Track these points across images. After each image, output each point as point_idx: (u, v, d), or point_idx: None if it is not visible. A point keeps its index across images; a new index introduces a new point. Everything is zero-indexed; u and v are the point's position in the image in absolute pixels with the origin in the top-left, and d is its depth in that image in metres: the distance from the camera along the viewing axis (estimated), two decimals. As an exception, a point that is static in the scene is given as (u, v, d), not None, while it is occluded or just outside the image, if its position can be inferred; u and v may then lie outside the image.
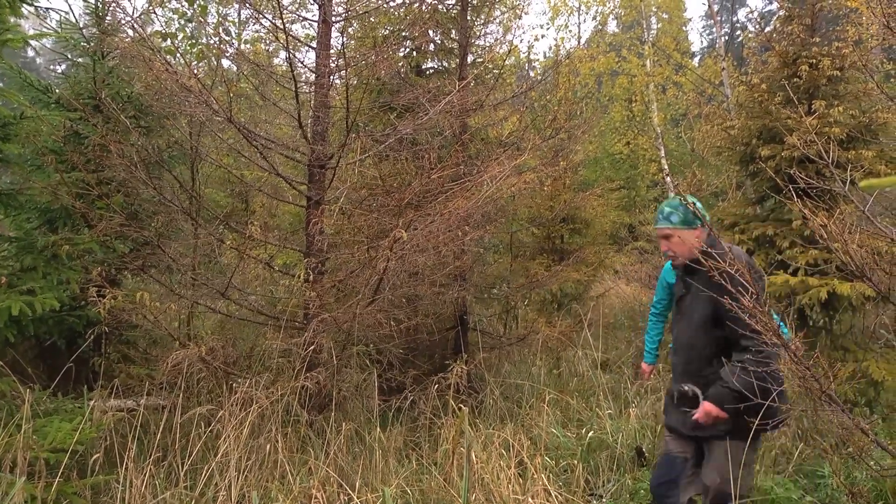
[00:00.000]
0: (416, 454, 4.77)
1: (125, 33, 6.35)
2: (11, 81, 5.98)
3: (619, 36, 19.90)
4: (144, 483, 3.87)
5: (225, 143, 6.04)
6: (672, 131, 20.00)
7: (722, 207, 8.01)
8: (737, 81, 10.02)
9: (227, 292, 5.49)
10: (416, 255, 5.10)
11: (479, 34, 8.15)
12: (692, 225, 3.36)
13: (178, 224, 6.03)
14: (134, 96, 6.17)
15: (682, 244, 3.40)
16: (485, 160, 6.31)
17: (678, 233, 3.40)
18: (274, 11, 5.62)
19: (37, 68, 31.76)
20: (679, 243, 3.41)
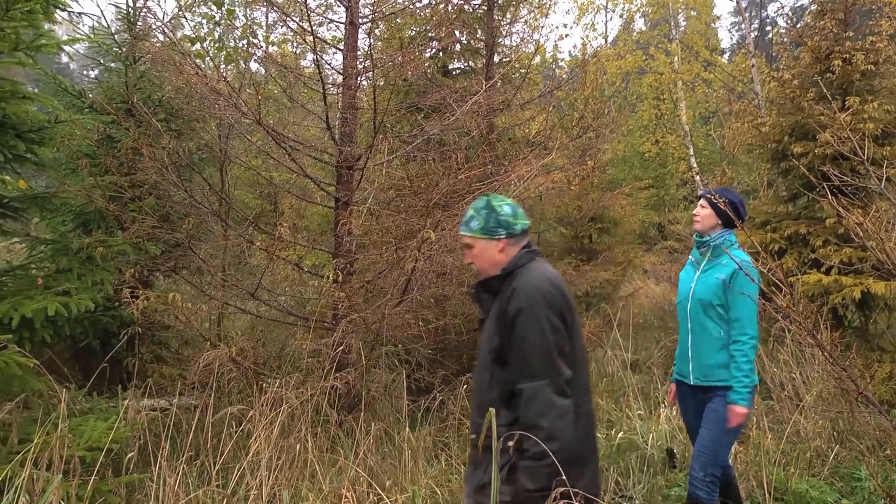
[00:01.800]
0: (445, 454, 4.77)
1: (156, 38, 6.44)
2: (46, 86, 6.09)
3: (646, 34, 19.74)
4: (177, 481, 3.91)
5: (254, 145, 6.10)
6: (701, 129, 19.79)
7: (753, 206, 7.90)
8: (768, 78, 9.88)
9: (257, 293, 5.54)
10: (444, 256, 5.11)
11: (505, 34, 8.14)
12: (493, 235, 2.65)
13: (208, 226, 6.10)
14: (165, 100, 6.25)
15: (481, 257, 2.70)
16: (512, 160, 6.30)
17: (477, 242, 2.69)
18: (301, 14, 5.66)
19: (70, 73, 32.32)
20: (478, 255, 2.71)
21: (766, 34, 18.98)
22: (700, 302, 3.70)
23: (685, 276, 3.95)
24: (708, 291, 3.67)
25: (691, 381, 3.76)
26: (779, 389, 5.41)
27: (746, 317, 3.56)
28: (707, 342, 3.69)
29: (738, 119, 11.54)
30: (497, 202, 2.67)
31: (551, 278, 2.56)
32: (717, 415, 3.62)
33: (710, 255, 3.77)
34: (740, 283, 3.55)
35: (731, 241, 3.75)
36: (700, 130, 19.57)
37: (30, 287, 4.34)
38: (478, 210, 2.69)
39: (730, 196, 3.73)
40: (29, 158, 4.54)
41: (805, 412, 5.08)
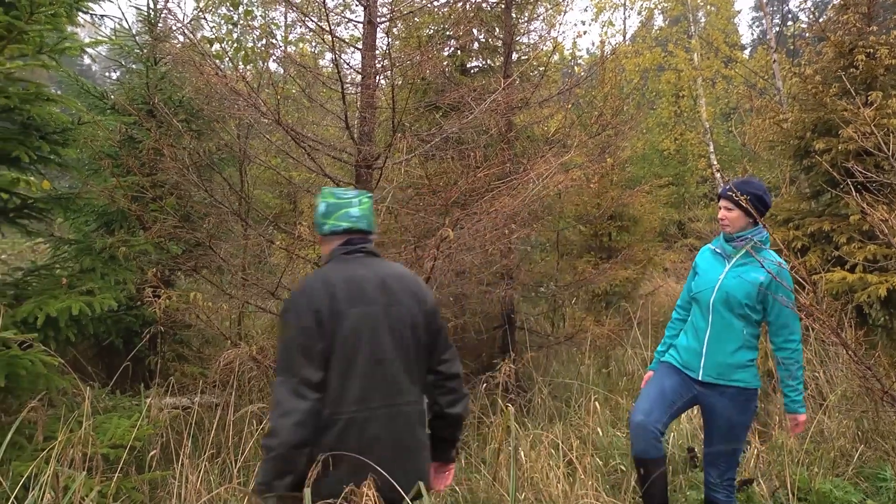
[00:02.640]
0: (465, 452, 4.77)
1: (176, 39, 6.50)
2: (69, 88, 6.16)
3: (665, 30, 19.59)
4: (199, 479, 3.95)
5: (273, 144, 6.12)
6: (722, 126, 19.63)
7: (775, 203, 7.83)
8: (789, 73, 9.77)
9: (277, 292, 5.56)
10: (463, 254, 5.10)
11: (523, 31, 8.12)
12: (319, 230, 2.66)
13: (228, 225, 6.14)
14: (185, 100, 6.30)
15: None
16: (531, 158, 6.28)
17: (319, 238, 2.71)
18: (319, 14, 5.68)
19: (92, 75, 32.69)
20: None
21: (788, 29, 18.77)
22: (728, 296, 3.47)
23: (709, 265, 3.67)
24: (740, 290, 3.45)
25: (699, 376, 3.53)
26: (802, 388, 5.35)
27: (793, 321, 3.45)
28: (728, 339, 3.48)
29: (760, 115, 11.42)
30: (322, 198, 2.67)
31: (326, 278, 2.50)
32: (729, 426, 3.48)
33: (748, 250, 3.54)
34: (783, 289, 3.42)
35: (766, 238, 3.56)
36: (720, 127, 19.41)
37: (54, 287, 4.40)
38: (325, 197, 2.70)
39: (752, 189, 3.52)
40: (53, 160, 4.60)
41: (829, 411, 5.02)
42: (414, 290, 2.61)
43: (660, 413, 3.52)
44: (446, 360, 2.66)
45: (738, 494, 4.20)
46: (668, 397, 3.57)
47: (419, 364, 2.59)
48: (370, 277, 2.54)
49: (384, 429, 2.44)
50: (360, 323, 2.45)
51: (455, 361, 2.70)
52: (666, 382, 3.64)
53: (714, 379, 3.51)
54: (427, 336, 2.61)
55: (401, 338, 2.52)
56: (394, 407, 2.48)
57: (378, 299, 2.51)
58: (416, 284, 2.64)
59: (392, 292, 2.54)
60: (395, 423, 2.48)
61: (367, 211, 2.67)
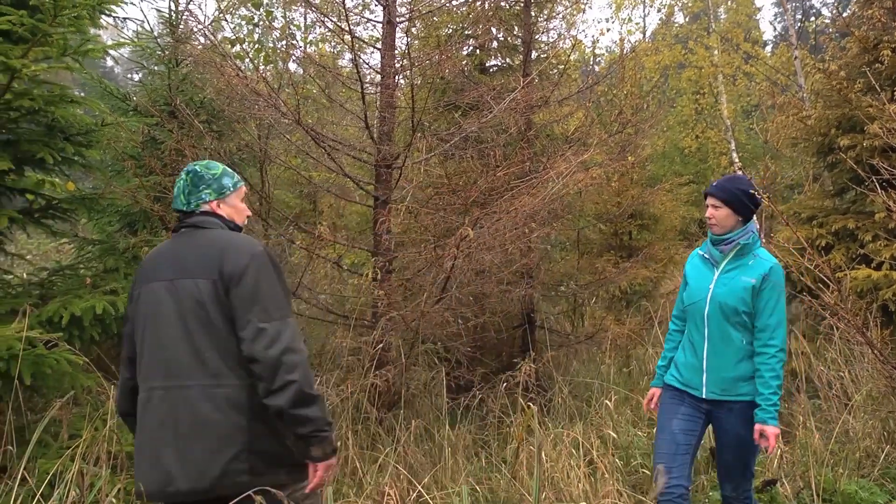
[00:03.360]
0: (485, 452, 4.76)
1: (197, 40, 6.54)
2: (92, 90, 6.23)
3: (685, 27, 19.44)
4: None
5: (293, 144, 6.15)
6: (743, 123, 19.44)
7: (798, 200, 7.76)
8: (813, 69, 9.66)
9: (298, 291, 5.59)
10: (483, 253, 5.10)
11: (542, 30, 8.09)
12: None
13: (249, 225, 6.17)
14: (206, 101, 6.35)
15: None
16: (550, 157, 6.25)
17: None
18: (339, 14, 5.70)
19: (115, 77, 33.03)
20: None
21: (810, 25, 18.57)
22: (722, 306, 3.26)
23: (697, 273, 3.46)
24: (733, 296, 3.24)
25: (703, 394, 3.32)
26: (826, 388, 5.29)
27: (775, 325, 3.17)
28: (728, 352, 3.27)
29: (782, 112, 11.31)
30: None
31: (149, 255, 2.59)
32: (738, 441, 3.26)
33: (736, 253, 3.32)
34: (770, 289, 3.19)
35: (756, 237, 3.35)
36: (742, 124, 19.23)
37: (79, 286, 4.45)
38: None
39: (739, 186, 3.33)
40: (77, 161, 4.65)
41: (854, 412, 4.96)
42: (212, 258, 2.36)
43: (680, 468, 3.29)
44: (243, 338, 2.28)
45: (761, 495, 4.16)
46: (681, 445, 3.33)
47: (216, 340, 2.32)
48: (169, 252, 2.49)
49: (159, 411, 2.33)
50: (145, 301, 2.43)
51: (256, 341, 2.25)
52: (675, 425, 3.38)
53: (719, 396, 3.30)
54: (219, 308, 2.32)
55: (185, 313, 2.34)
56: (172, 389, 2.33)
57: (164, 274, 2.40)
58: (219, 252, 2.37)
59: (182, 266, 2.39)
60: (173, 406, 2.31)
61: (181, 188, 2.54)
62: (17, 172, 4.28)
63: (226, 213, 2.56)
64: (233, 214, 2.59)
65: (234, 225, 2.58)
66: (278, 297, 2.35)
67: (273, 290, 2.35)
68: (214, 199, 2.53)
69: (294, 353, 2.27)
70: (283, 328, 2.29)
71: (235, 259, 2.33)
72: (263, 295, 2.31)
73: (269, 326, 2.26)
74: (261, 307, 2.29)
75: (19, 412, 3.65)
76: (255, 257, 2.36)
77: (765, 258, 3.28)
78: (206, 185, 2.52)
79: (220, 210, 2.55)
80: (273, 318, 2.28)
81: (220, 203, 2.55)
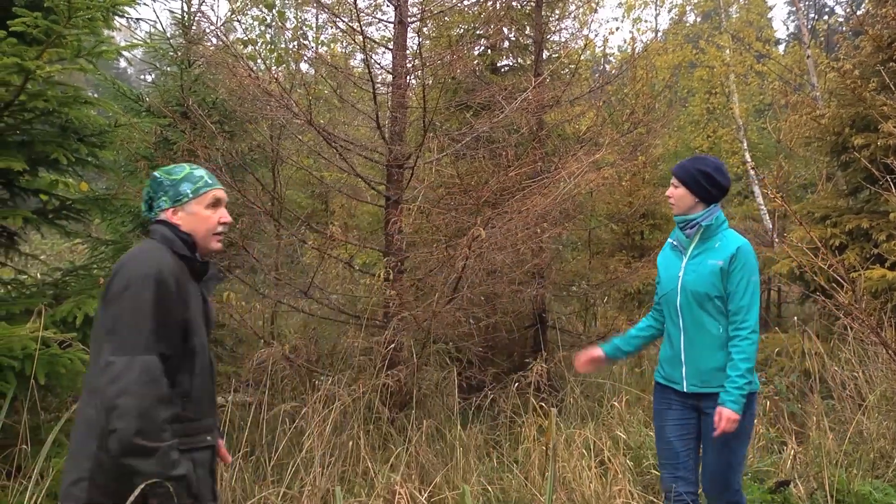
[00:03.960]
0: (497, 452, 4.76)
1: (210, 41, 6.57)
2: (106, 91, 6.27)
3: (696, 26, 19.35)
4: (234, 477, 3.99)
5: (305, 145, 6.17)
6: (755, 123, 19.33)
7: (812, 200, 7.71)
8: (826, 68, 9.61)
9: (310, 291, 5.61)
10: (495, 253, 5.09)
11: (553, 30, 8.08)
12: None
13: (261, 225, 6.20)
14: (218, 102, 6.37)
15: None
16: (562, 157, 6.25)
17: None
18: (350, 14, 5.71)
19: (128, 78, 33.24)
20: None
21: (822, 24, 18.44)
22: (693, 294, 3.16)
23: (668, 263, 3.37)
24: (702, 281, 3.14)
25: (684, 388, 3.21)
26: (840, 389, 5.25)
27: (747, 308, 3.06)
28: (704, 342, 3.16)
29: (795, 111, 11.25)
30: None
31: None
32: (723, 437, 3.08)
33: (700, 237, 3.22)
34: (740, 269, 3.08)
35: (724, 219, 3.25)
36: (754, 124, 19.12)
37: (92, 287, 4.47)
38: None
39: (699, 166, 3.23)
40: (90, 161, 4.67)
41: (868, 412, 4.92)
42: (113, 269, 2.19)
43: (685, 475, 3.22)
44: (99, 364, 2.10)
45: (774, 496, 4.14)
46: (681, 453, 3.24)
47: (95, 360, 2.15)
48: None
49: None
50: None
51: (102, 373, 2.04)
52: (668, 432, 3.30)
53: (699, 388, 3.18)
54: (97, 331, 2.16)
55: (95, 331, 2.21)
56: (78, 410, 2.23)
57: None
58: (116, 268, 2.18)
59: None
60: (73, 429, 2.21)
61: (144, 195, 2.42)
62: (31, 173, 4.31)
63: (183, 223, 2.35)
64: (193, 223, 2.36)
65: (186, 237, 2.33)
66: (139, 331, 2.07)
67: (139, 321, 2.08)
68: (169, 206, 2.35)
69: (131, 396, 2.00)
70: (131, 365, 2.03)
71: (118, 279, 2.14)
72: (124, 324, 2.08)
73: (117, 361, 2.03)
74: (118, 338, 2.06)
75: (34, 411, 3.67)
76: (134, 280, 2.11)
77: (732, 239, 3.17)
78: (163, 192, 2.36)
79: (175, 219, 2.34)
80: (126, 351, 2.04)
81: (176, 211, 2.35)
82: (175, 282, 2.19)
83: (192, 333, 2.25)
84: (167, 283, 2.15)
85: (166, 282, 2.15)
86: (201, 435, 2.30)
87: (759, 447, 4.89)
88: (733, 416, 2.96)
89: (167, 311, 2.14)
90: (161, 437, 2.04)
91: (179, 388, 2.20)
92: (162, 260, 2.20)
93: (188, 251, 2.32)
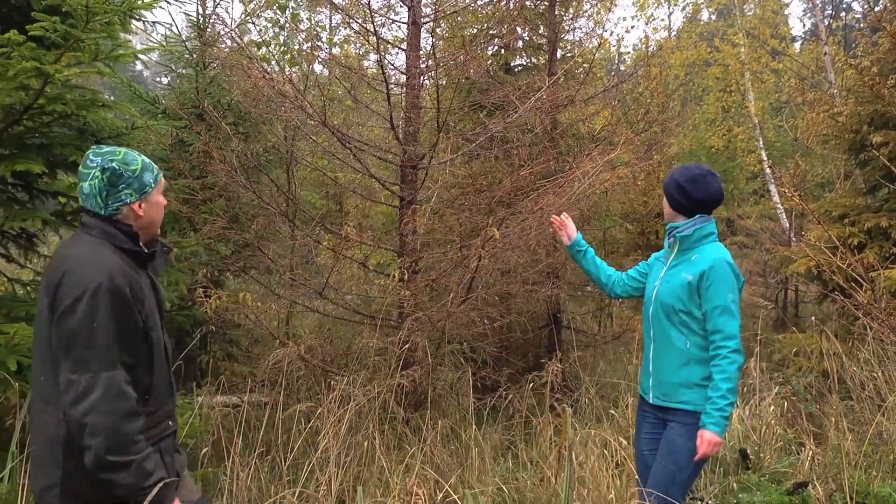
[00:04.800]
0: (512, 452, 4.75)
1: (224, 43, 6.61)
2: (122, 94, 6.32)
3: (710, 24, 19.24)
4: (249, 476, 4.01)
5: (319, 146, 6.19)
6: (772, 121, 19.19)
7: (830, 198, 7.65)
8: (844, 65, 9.52)
9: (324, 292, 5.62)
10: (509, 253, 5.09)
11: (567, 29, 8.06)
12: None
13: (276, 226, 6.23)
14: (233, 104, 6.41)
15: None
16: (576, 156, 6.23)
17: None
18: (364, 15, 5.73)
19: (144, 80, 33.47)
20: None
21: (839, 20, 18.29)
22: (662, 305, 3.12)
23: (652, 269, 3.35)
24: (671, 294, 3.08)
25: (650, 398, 3.20)
26: (860, 389, 5.20)
27: (724, 326, 2.94)
28: (669, 355, 3.10)
29: (812, 109, 11.15)
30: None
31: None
32: (671, 447, 3.05)
33: (679, 248, 3.17)
34: (711, 287, 2.97)
35: (707, 232, 3.14)
36: (771, 122, 18.98)
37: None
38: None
39: (677, 175, 3.14)
40: (108, 164, 4.71)
41: (888, 413, 4.87)
42: (54, 278, 2.09)
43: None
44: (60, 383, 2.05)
45: (792, 497, 4.11)
46: (650, 465, 3.22)
47: (49, 365, 2.11)
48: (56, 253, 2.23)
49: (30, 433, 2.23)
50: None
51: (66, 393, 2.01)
52: (642, 445, 3.32)
53: (661, 401, 3.14)
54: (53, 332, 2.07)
55: (39, 324, 2.15)
56: (32, 414, 2.21)
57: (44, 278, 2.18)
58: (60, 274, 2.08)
59: (48, 273, 2.15)
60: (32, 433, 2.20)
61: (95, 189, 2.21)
62: (49, 175, 4.35)
63: (146, 214, 2.27)
64: (153, 213, 2.31)
65: (126, 228, 2.23)
66: (99, 346, 2.02)
67: (97, 336, 2.02)
68: (136, 199, 2.24)
69: (99, 414, 1.98)
70: (95, 383, 1.99)
71: (67, 290, 2.04)
72: (82, 341, 2.01)
73: (80, 380, 1.99)
74: (77, 355, 2.01)
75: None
76: (88, 293, 2.02)
77: (708, 254, 3.06)
78: (124, 185, 2.21)
79: (140, 211, 2.25)
80: (89, 369, 2.00)
81: (141, 203, 2.25)
82: (127, 283, 2.11)
83: (150, 329, 2.22)
84: (120, 290, 2.07)
85: (119, 289, 2.07)
86: (164, 423, 2.30)
87: (777, 448, 4.86)
88: (715, 438, 2.90)
89: (125, 320, 2.09)
90: (133, 449, 2.04)
91: (140, 385, 2.18)
92: (110, 264, 2.10)
93: (132, 243, 2.23)
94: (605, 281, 3.58)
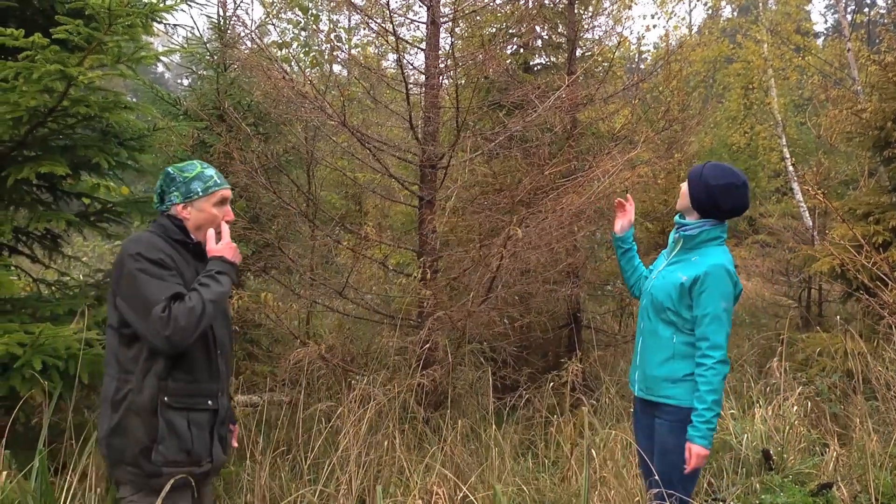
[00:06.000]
0: (532, 452, 4.74)
1: (245, 45, 6.65)
2: (144, 95, 6.37)
3: (732, 21, 19.08)
4: (270, 475, 4.04)
5: (339, 146, 6.21)
6: (794, 118, 18.98)
7: (853, 196, 7.55)
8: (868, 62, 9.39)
9: (345, 292, 5.65)
10: (529, 253, 5.08)
11: (587, 27, 8.03)
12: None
13: (296, 226, 6.26)
14: (254, 105, 6.44)
15: None
16: (596, 155, 6.20)
17: None
18: (383, 15, 5.74)
19: (165, 82, 33.78)
20: None
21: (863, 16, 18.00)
22: (653, 300, 3.09)
23: (654, 266, 3.32)
24: (663, 290, 3.05)
25: (636, 390, 3.20)
26: (885, 389, 5.13)
27: (712, 335, 2.88)
28: (655, 348, 3.07)
29: (836, 106, 11.01)
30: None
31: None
32: (663, 448, 3.02)
33: (681, 246, 3.12)
34: (704, 294, 2.91)
35: (714, 235, 3.05)
36: (793, 119, 18.77)
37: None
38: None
39: (712, 176, 3.01)
40: (130, 165, 4.76)
41: (915, 414, 4.81)
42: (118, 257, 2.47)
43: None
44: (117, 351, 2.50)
45: (816, 499, 4.06)
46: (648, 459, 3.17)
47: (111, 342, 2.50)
48: None
49: None
50: None
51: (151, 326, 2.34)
52: (639, 440, 3.31)
53: (645, 394, 3.13)
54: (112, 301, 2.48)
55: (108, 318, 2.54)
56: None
57: None
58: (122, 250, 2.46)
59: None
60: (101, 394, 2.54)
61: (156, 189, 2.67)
62: (73, 177, 4.40)
63: (192, 217, 2.60)
64: (201, 219, 2.61)
65: (180, 222, 2.60)
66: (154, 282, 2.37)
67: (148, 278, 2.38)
68: (180, 202, 2.59)
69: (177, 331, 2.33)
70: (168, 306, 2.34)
71: (117, 266, 2.44)
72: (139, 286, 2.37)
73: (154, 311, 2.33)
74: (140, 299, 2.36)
75: (78, 410, 3.75)
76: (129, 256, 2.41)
77: (708, 258, 2.99)
78: (175, 188, 2.60)
79: (184, 213, 2.60)
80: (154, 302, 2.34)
81: (186, 206, 2.60)
82: (166, 254, 2.46)
83: None
84: (158, 248, 2.45)
85: (157, 247, 2.45)
86: (200, 397, 2.54)
87: (801, 449, 4.81)
88: (702, 451, 2.87)
89: (165, 265, 2.43)
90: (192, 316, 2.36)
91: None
92: (152, 239, 2.49)
93: (182, 234, 2.59)
94: (634, 283, 3.55)
